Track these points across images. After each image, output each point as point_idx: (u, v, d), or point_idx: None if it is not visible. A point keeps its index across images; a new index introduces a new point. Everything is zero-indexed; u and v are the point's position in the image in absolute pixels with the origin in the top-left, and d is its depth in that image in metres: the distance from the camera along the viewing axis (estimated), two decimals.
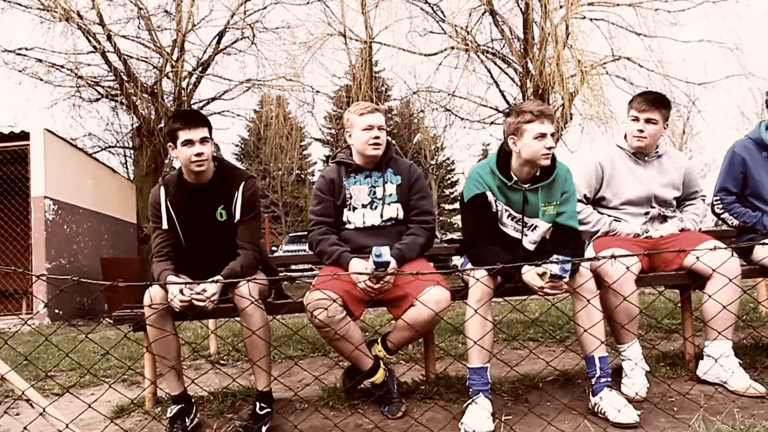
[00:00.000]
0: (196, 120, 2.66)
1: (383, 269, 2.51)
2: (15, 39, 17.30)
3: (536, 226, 2.80)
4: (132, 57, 12.33)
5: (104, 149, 15.78)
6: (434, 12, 13.00)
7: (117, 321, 2.88)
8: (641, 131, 3.06)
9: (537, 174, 2.76)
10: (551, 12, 11.60)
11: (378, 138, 2.84)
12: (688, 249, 2.76)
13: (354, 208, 2.90)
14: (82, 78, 12.21)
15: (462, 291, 2.82)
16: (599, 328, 2.57)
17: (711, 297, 2.70)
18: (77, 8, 11.19)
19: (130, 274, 8.31)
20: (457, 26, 12.81)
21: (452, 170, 37.85)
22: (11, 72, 12.02)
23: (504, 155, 2.77)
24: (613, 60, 12.54)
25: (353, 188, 2.91)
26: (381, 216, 2.87)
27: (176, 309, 2.50)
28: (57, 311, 8.17)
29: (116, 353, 4.42)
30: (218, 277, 2.56)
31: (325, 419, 2.67)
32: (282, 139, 13.57)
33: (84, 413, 2.51)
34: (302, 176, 35.71)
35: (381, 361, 2.80)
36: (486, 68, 13.29)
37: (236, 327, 4.94)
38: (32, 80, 12.15)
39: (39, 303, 7.91)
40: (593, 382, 2.58)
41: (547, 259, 2.45)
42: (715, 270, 2.64)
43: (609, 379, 2.58)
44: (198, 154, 2.63)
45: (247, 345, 2.65)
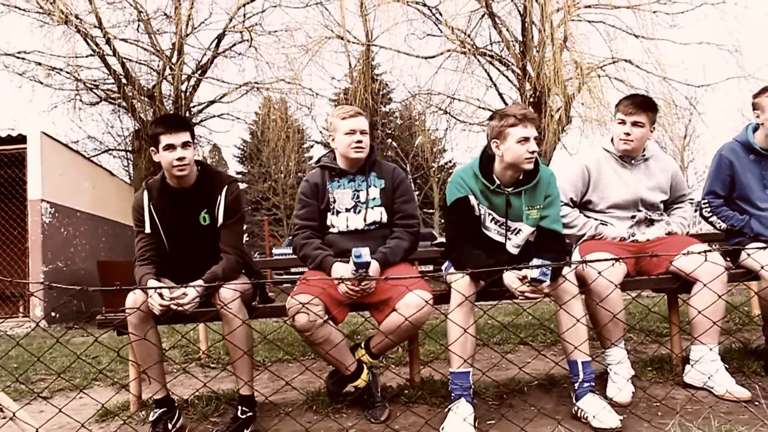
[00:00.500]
0: (178, 124, 2.66)
1: (364, 270, 2.50)
2: (15, 42, 17.39)
3: (520, 230, 2.79)
4: (131, 60, 12.40)
5: (104, 152, 15.84)
6: (433, 15, 13.04)
7: (101, 325, 2.89)
8: (628, 134, 3.04)
9: (520, 178, 2.75)
10: (550, 14, 11.60)
11: (361, 142, 2.84)
12: (673, 253, 2.75)
13: (338, 212, 2.89)
14: (82, 81, 12.25)
15: (446, 295, 2.81)
16: (582, 332, 2.56)
17: (687, 303, 2.69)
18: (76, 12, 11.24)
19: (127, 277, 8.26)
20: (456, 29, 12.82)
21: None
22: (11, 75, 12.09)
23: (487, 159, 2.77)
24: (612, 62, 12.53)
25: (337, 192, 2.90)
26: (364, 220, 2.87)
27: (156, 313, 2.50)
28: (54, 314, 8.18)
29: (108, 356, 4.42)
30: (199, 282, 2.56)
31: (309, 423, 2.67)
32: (282, 142, 13.59)
33: (68, 417, 2.52)
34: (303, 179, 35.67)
35: (364, 365, 2.80)
36: (485, 71, 13.31)
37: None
38: (32, 83, 12.22)
39: (36, 306, 7.92)
40: (576, 387, 2.57)
41: (529, 263, 2.44)
42: (690, 274, 2.62)
43: (592, 384, 2.57)
44: (180, 159, 2.63)
45: (230, 349, 2.65)
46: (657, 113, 3.13)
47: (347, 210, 2.89)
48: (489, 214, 2.78)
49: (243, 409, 2.63)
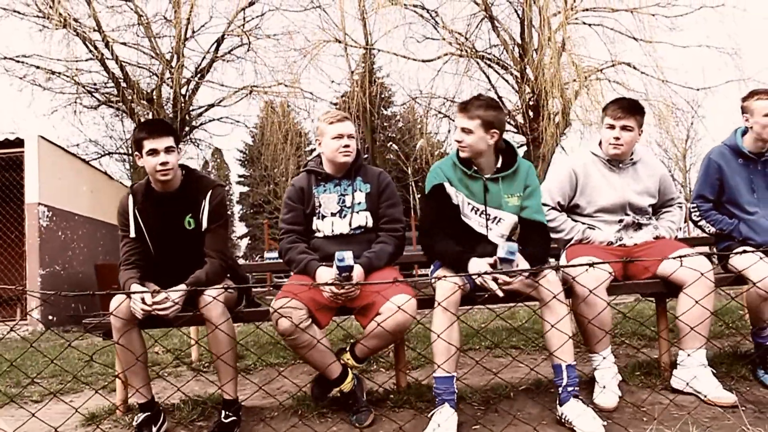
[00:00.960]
0: (161, 129, 2.67)
1: (347, 273, 2.50)
2: (14, 46, 17.46)
3: (501, 219, 2.79)
4: (131, 64, 12.41)
5: (105, 155, 15.88)
6: (432, 18, 13.05)
7: (88, 329, 2.89)
8: (617, 138, 3.03)
9: (498, 166, 2.79)
10: (548, 18, 11.60)
11: (348, 146, 2.84)
12: (659, 257, 2.74)
13: (323, 217, 2.89)
14: (82, 85, 12.29)
15: (430, 299, 2.80)
16: (566, 337, 2.55)
17: (669, 311, 2.67)
18: (76, 15, 11.27)
19: None
20: (455, 32, 12.83)
21: None
22: (11, 79, 12.12)
23: None
24: (612, 65, 12.52)
25: (323, 196, 2.91)
26: (350, 224, 2.86)
27: (138, 317, 2.50)
28: (51, 317, 8.19)
29: (100, 360, 4.42)
30: (181, 286, 2.56)
31: (293, 427, 2.66)
32: (282, 145, 13.60)
33: (55, 422, 2.52)
34: None
35: (349, 369, 2.79)
36: (484, 74, 13.33)
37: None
38: (32, 87, 12.26)
39: (33, 310, 7.93)
40: (560, 392, 2.56)
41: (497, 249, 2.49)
42: (675, 278, 2.61)
43: (576, 389, 2.55)
44: (163, 164, 2.63)
45: (213, 353, 2.65)
46: (644, 116, 3.12)
47: (333, 214, 2.89)
48: (468, 203, 2.78)
49: (227, 414, 2.62)
